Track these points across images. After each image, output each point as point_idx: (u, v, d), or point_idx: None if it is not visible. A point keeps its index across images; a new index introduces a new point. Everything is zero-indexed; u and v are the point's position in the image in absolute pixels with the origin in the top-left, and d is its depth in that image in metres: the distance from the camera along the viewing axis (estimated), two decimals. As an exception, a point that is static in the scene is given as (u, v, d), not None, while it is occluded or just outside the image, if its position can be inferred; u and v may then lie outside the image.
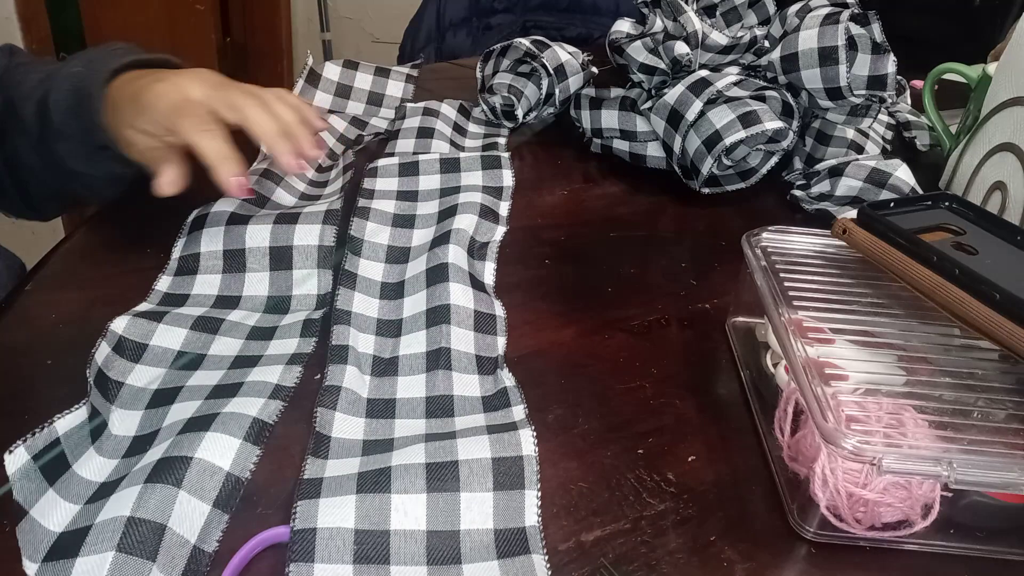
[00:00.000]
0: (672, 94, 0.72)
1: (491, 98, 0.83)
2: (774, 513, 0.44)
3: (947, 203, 0.54)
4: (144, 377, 0.48)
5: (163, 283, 0.56)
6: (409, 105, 0.83)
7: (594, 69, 0.86)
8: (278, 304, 0.56)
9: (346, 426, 0.46)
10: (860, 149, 0.75)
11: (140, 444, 0.44)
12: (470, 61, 0.96)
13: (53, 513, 0.39)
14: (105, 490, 0.41)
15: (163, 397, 0.47)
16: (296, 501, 0.40)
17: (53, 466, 0.42)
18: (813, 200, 0.71)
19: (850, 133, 0.75)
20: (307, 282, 0.56)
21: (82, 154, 0.58)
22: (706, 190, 0.73)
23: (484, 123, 0.84)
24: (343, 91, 0.86)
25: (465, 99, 0.86)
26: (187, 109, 0.53)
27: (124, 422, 0.45)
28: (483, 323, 0.54)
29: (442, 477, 0.41)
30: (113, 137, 0.56)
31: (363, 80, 0.87)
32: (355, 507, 0.40)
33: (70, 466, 0.42)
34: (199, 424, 0.43)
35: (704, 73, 0.73)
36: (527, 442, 0.44)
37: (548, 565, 0.39)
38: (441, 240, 0.59)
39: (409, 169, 0.71)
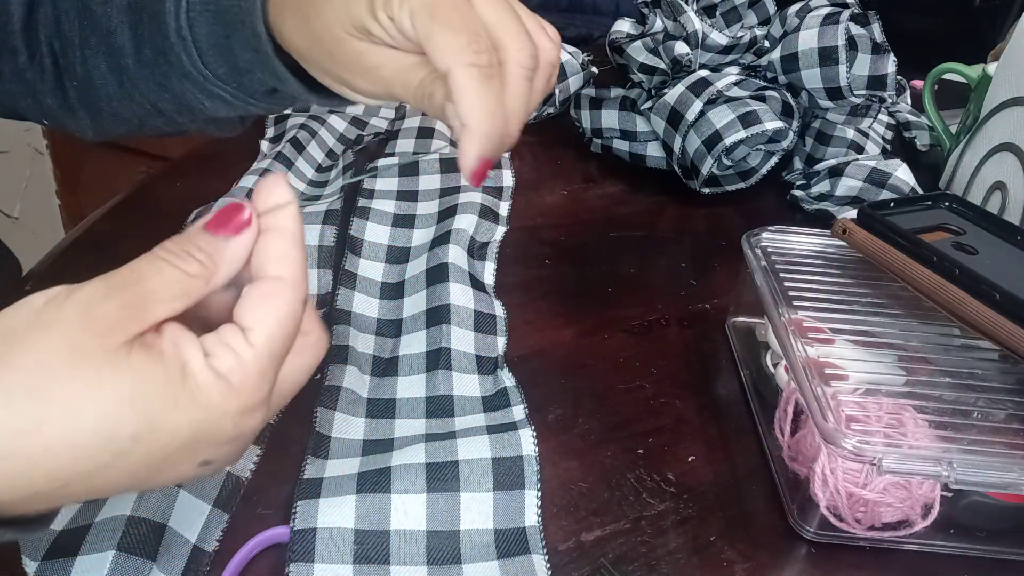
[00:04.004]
0: (672, 94, 0.72)
1: (491, 98, 0.83)
2: (774, 513, 0.44)
3: (947, 203, 0.54)
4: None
5: (163, 283, 0.56)
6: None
7: (594, 69, 0.86)
8: (278, 304, 0.56)
9: (346, 426, 0.46)
10: (860, 149, 0.75)
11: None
12: (470, 61, 0.96)
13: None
14: (105, 490, 0.41)
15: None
16: (296, 501, 0.40)
17: None
18: (813, 200, 0.71)
19: (850, 133, 0.75)
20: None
21: (229, 99, 0.39)
22: (706, 190, 0.72)
23: (484, 123, 0.84)
24: (343, 91, 0.86)
25: (465, 99, 0.86)
26: (457, 8, 0.30)
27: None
28: (483, 323, 0.54)
29: (442, 477, 0.41)
30: (320, 65, 0.35)
31: (363, 80, 0.87)
32: (355, 507, 0.40)
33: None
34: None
35: (704, 73, 0.73)
36: (527, 442, 0.44)
37: (548, 565, 0.39)
38: (441, 240, 0.59)
39: (409, 169, 0.71)
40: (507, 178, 0.72)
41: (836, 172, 0.70)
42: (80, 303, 0.24)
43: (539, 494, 0.42)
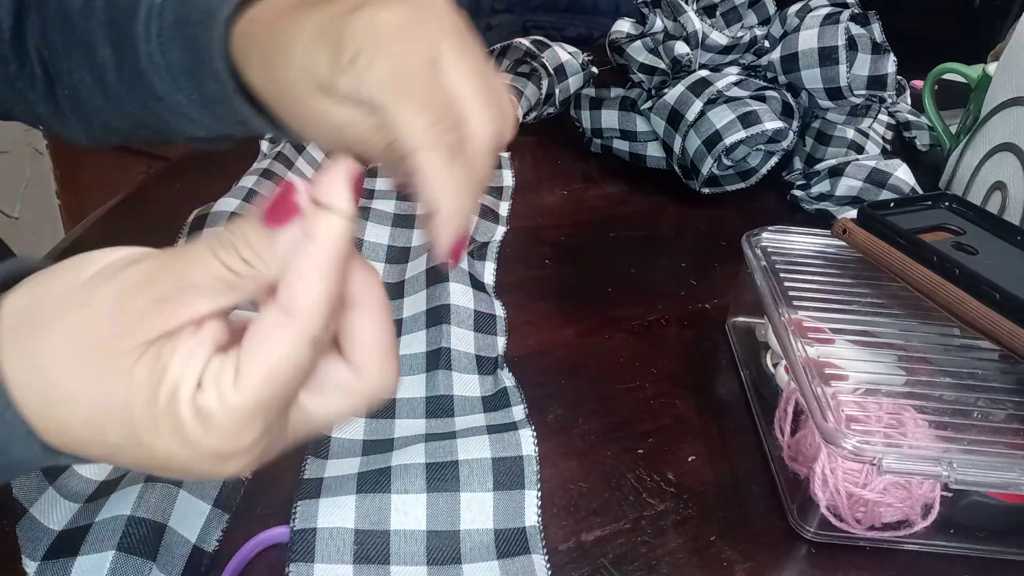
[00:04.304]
0: (672, 94, 0.72)
1: (491, 98, 0.83)
2: (774, 513, 0.44)
3: (947, 203, 0.54)
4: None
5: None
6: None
7: (594, 69, 0.86)
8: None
9: (346, 426, 0.46)
10: (860, 149, 0.75)
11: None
12: (470, 61, 0.96)
13: (53, 512, 0.39)
14: (105, 489, 0.41)
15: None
16: (296, 501, 0.40)
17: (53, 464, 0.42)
18: (813, 200, 0.71)
19: (850, 133, 0.75)
20: (307, 282, 0.56)
21: (204, 123, 0.38)
22: (706, 190, 0.72)
23: (484, 123, 0.84)
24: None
25: (465, 99, 0.86)
26: (425, 82, 0.28)
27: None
28: (483, 323, 0.54)
29: (442, 477, 0.41)
30: (283, 117, 0.33)
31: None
32: (355, 507, 0.40)
33: (70, 464, 0.42)
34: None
35: (704, 73, 0.73)
36: (527, 442, 0.44)
37: (548, 565, 0.39)
38: (441, 240, 0.59)
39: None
40: (507, 178, 0.72)
41: (836, 172, 0.70)
42: (119, 289, 0.24)
43: (539, 494, 0.42)
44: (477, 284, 0.57)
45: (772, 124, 0.68)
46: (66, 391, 0.23)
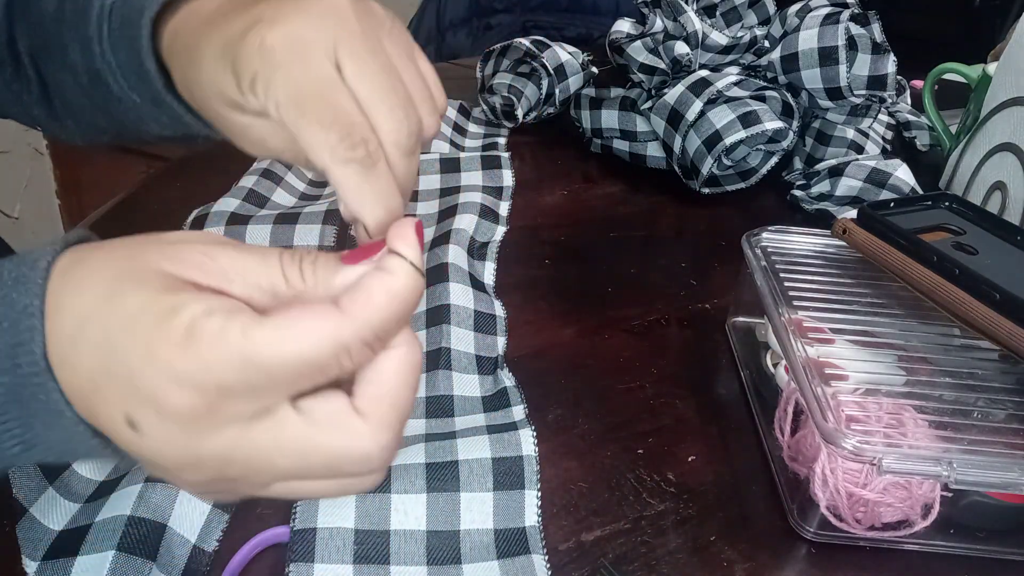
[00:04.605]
0: (672, 94, 0.72)
1: (491, 98, 0.83)
2: (774, 513, 0.44)
3: (947, 203, 0.54)
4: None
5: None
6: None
7: (594, 69, 0.86)
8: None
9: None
10: (860, 149, 0.75)
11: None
12: (470, 61, 0.96)
13: (53, 512, 0.39)
14: (105, 489, 0.41)
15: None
16: (296, 501, 0.40)
17: (53, 464, 0.42)
18: (813, 200, 0.71)
19: (850, 133, 0.75)
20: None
21: (164, 122, 0.37)
22: (706, 190, 0.72)
23: (484, 123, 0.84)
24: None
25: (465, 99, 0.86)
26: (325, 99, 0.27)
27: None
28: (483, 323, 0.54)
29: (442, 477, 0.41)
30: (197, 108, 0.33)
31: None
32: (355, 507, 0.40)
33: (70, 464, 0.42)
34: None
35: (704, 73, 0.73)
36: (527, 442, 0.44)
37: (548, 565, 0.39)
38: (441, 240, 0.59)
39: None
40: (507, 178, 0.72)
41: (836, 172, 0.70)
42: (178, 238, 0.25)
43: (539, 494, 0.42)
44: (477, 284, 0.57)
45: (772, 124, 0.68)
46: (85, 309, 0.23)
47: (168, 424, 0.22)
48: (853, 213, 0.53)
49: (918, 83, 0.92)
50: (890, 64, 0.69)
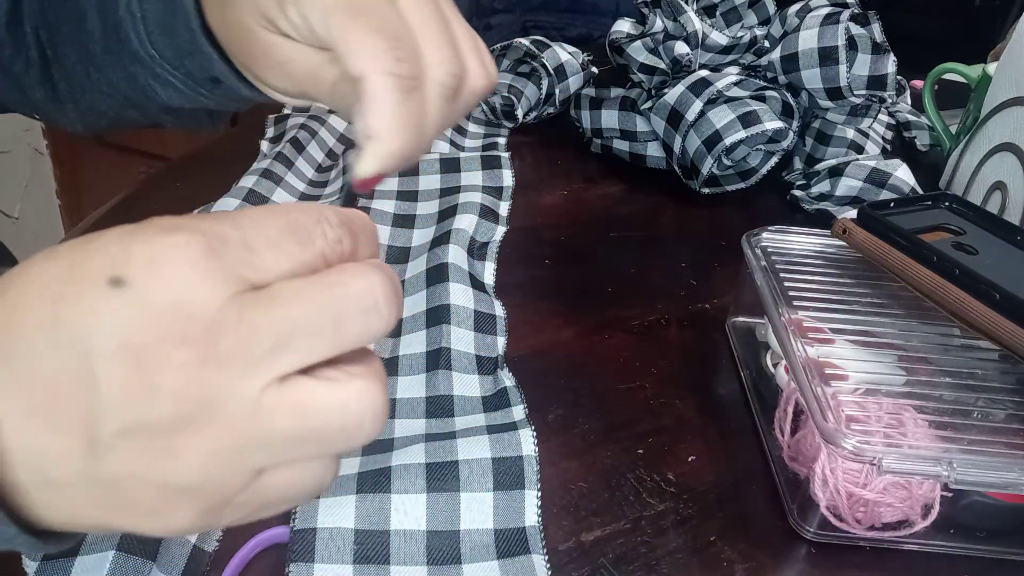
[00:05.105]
0: (672, 94, 0.72)
1: (491, 98, 0.83)
2: (774, 513, 0.44)
3: (947, 203, 0.54)
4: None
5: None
6: (409, 105, 0.83)
7: (594, 69, 0.86)
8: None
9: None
10: (860, 149, 0.75)
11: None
12: (470, 61, 0.96)
13: (53, 513, 0.39)
14: (105, 490, 0.41)
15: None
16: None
17: None
18: (813, 200, 0.71)
19: (850, 133, 0.75)
20: (307, 282, 0.56)
21: (178, 85, 0.37)
22: (706, 190, 0.72)
23: (484, 123, 0.84)
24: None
25: (465, 99, 0.86)
26: (377, 8, 0.26)
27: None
28: (483, 323, 0.54)
29: (442, 477, 0.41)
30: (235, 55, 0.33)
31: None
32: (355, 507, 0.40)
33: None
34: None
35: (704, 73, 0.73)
36: (527, 442, 0.44)
37: (548, 565, 0.39)
38: (441, 240, 0.59)
39: (409, 169, 0.71)
40: (507, 178, 0.72)
41: (836, 172, 0.70)
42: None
43: (539, 494, 0.42)
44: (477, 284, 0.57)
45: (772, 124, 0.68)
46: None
47: (162, 270, 0.19)
48: (853, 213, 0.53)
49: (918, 83, 0.92)
50: (890, 64, 0.69)
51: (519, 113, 0.81)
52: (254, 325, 0.20)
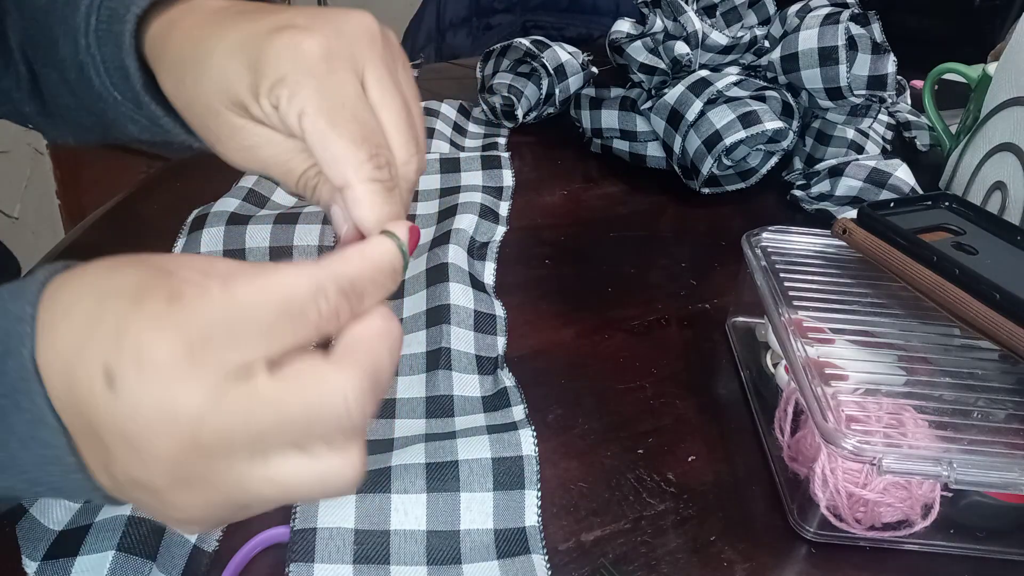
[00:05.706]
0: (672, 94, 0.72)
1: (491, 98, 0.83)
2: (774, 513, 0.44)
3: (947, 203, 0.54)
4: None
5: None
6: (409, 105, 0.83)
7: (594, 69, 0.86)
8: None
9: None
10: (860, 149, 0.75)
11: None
12: (470, 61, 0.96)
13: (53, 511, 0.39)
14: (105, 490, 0.41)
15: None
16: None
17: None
18: (813, 200, 0.71)
19: (850, 133, 0.75)
20: (307, 282, 0.56)
21: (145, 123, 0.37)
22: (706, 190, 0.72)
23: (484, 123, 0.84)
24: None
25: (465, 99, 0.86)
26: (357, 117, 0.28)
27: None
28: (483, 323, 0.54)
29: (442, 477, 0.41)
30: (197, 130, 0.33)
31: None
32: (355, 507, 0.40)
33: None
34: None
35: (704, 73, 0.73)
36: (527, 442, 0.44)
37: (548, 565, 0.39)
38: (441, 240, 0.59)
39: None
40: (507, 178, 0.72)
41: (836, 172, 0.70)
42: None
43: (539, 494, 0.42)
44: (477, 284, 0.57)
45: (772, 124, 0.68)
46: (77, 291, 0.24)
47: (147, 375, 0.22)
48: (853, 213, 0.53)
49: (918, 83, 0.92)
50: (890, 64, 0.69)
51: (519, 113, 0.81)
52: (231, 424, 0.22)
